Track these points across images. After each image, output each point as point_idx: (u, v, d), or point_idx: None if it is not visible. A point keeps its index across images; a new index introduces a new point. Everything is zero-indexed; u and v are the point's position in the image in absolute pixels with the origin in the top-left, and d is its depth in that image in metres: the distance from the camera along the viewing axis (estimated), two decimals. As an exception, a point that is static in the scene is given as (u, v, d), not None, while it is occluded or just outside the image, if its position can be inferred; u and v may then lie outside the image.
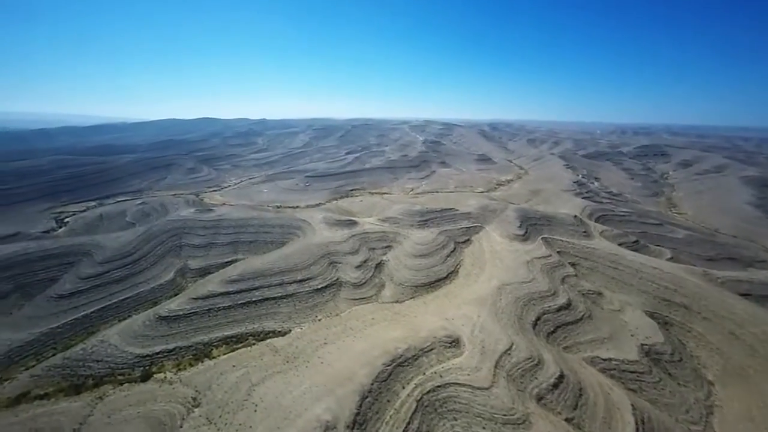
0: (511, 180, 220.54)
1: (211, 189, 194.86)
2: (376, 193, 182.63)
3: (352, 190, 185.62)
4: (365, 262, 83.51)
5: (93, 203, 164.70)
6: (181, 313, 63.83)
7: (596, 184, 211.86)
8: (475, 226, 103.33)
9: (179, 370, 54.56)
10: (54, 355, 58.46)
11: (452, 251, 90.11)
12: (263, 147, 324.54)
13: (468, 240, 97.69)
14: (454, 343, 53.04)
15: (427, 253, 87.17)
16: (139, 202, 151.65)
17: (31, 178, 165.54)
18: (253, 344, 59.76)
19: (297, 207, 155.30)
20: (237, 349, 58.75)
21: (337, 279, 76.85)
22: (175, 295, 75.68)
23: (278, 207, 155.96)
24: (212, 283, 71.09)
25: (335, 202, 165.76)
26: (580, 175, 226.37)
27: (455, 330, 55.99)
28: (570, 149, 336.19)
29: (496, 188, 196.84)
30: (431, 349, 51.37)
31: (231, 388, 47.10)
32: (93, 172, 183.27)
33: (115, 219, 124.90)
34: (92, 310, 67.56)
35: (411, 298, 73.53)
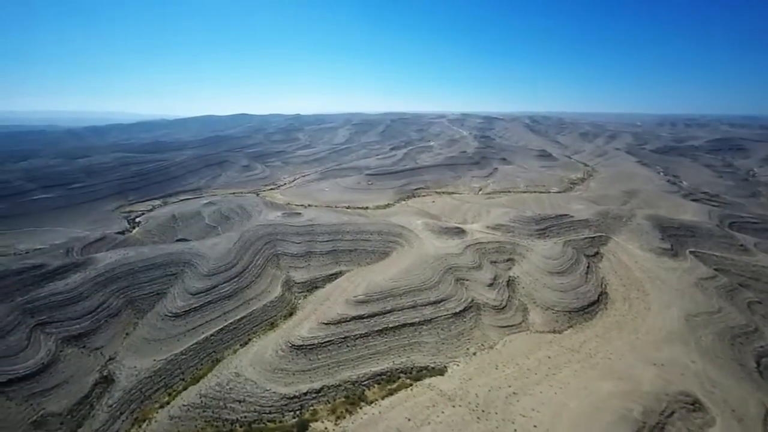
0: (583, 178, 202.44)
1: (269, 187, 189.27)
2: (443, 192, 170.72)
3: (416, 189, 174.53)
4: (495, 279, 72.40)
5: (158, 201, 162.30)
6: (316, 341, 55.11)
7: (685, 183, 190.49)
8: (600, 236, 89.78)
9: (337, 418, 45.64)
10: (185, 388, 51.13)
11: (587, 267, 77.42)
12: (306, 143, 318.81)
13: (597, 253, 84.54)
14: (696, 405, 41.04)
15: (563, 269, 74.92)
16: (205, 201, 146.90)
17: (100, 176, 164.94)
18: (410, 385, 50.11)
19: (366, 208, 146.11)
20: (394, 391, 49.24)
21: (472, 300, 66.14)
22: (290, 314, 67.63)
23: (347, 208, 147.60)
24: (338, 305, 62.10)
25: (404, 202, 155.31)
26: (661, 173, 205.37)
27: (683, 384, 43.94)
28: (632, 144, 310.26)
29: (571, 188, 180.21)
30: (671, 413, 39.69)
31: (429, 457, 37.32)
32: (155, 170, 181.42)
33: (191, 221, 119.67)
34: (211, 332, 60.15)
35: (569, 327, 61.85)
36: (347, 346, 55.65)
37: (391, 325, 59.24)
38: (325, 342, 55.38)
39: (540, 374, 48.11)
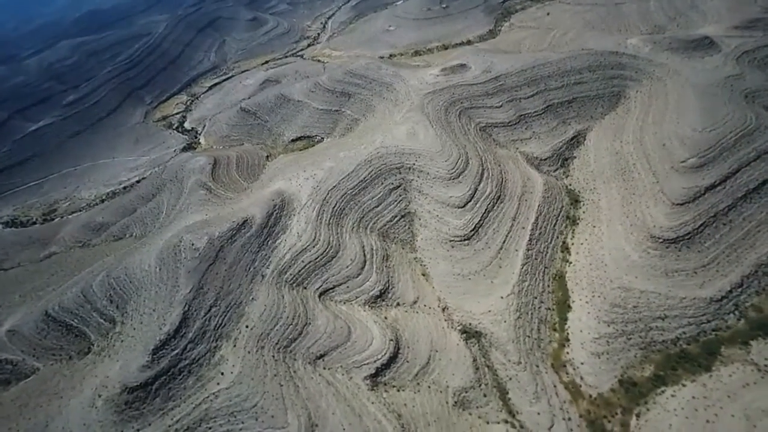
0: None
1: (304, 43, 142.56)
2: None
3: (504, 1, 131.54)
4: (810, 96, 55.00)
5: (183, 96, 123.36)
6: (689, 228, 43.01)
7: None
8: None
9: (795, 308, 37.85)
10: (564, 318, 41.87)
11: None
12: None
13: None
14: None
15: None
16: (255, 81, 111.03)
17: (82, 79, 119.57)
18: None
19: (468, 42, 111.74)
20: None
21: (809, 130, 50.84)
22: (576, 200, 53.49)
23: (443, 47, 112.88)
24: (671, 179, 46.97)
25: (509, 23, 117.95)
26: None
27: None
28: None
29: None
30: None
31: None
32: (146, 53, 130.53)
33: (281, 110, 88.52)
34: (523, 247, 47.02)
35: None
36: (723, 224, 43.77)
37: (752, 186, 45.97)
38: (699, 226, 43.19)
39: None
